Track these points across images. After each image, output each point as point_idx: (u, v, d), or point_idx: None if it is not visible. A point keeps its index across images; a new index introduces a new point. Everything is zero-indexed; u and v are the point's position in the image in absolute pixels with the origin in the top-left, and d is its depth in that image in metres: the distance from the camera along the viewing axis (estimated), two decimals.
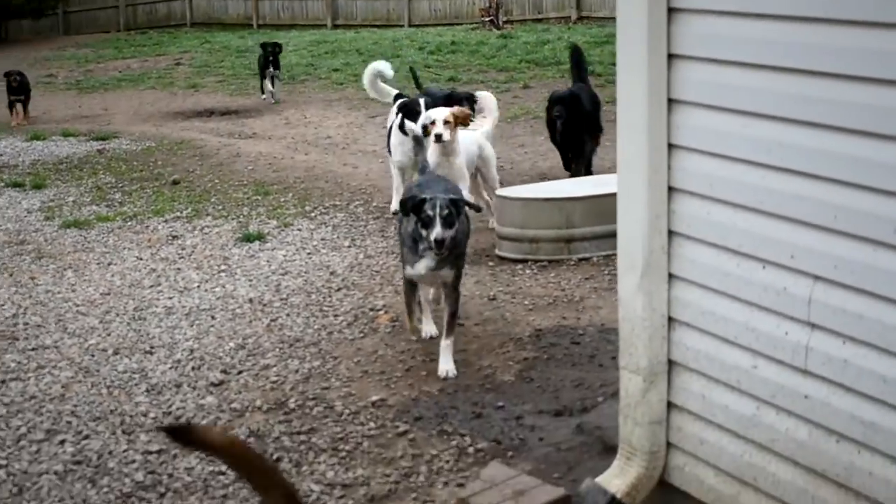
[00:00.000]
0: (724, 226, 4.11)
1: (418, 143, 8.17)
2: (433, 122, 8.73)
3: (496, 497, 4.88)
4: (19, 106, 17.83)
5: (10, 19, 36.52)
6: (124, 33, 35.85)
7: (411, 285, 6.77)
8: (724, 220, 4.11)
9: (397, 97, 11.20)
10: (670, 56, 4.23)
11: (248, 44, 27.75)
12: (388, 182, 11.74)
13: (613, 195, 7.72)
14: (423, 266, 6.47)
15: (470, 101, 10.10)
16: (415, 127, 9.01)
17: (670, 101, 4.27)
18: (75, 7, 38.04)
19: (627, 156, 4.42)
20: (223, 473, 5.36)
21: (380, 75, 11.69)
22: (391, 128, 10.46)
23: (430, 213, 6.25)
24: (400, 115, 10.13)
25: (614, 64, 16.20)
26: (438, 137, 8.68)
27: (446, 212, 6.26)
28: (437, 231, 6.20)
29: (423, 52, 23.33)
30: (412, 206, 6.39)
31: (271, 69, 18.54)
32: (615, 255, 8.24)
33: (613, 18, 4.60)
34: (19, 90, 17.77)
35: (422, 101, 9.75)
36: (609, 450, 5.12)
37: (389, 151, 10.52)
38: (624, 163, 4.46)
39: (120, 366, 6.87)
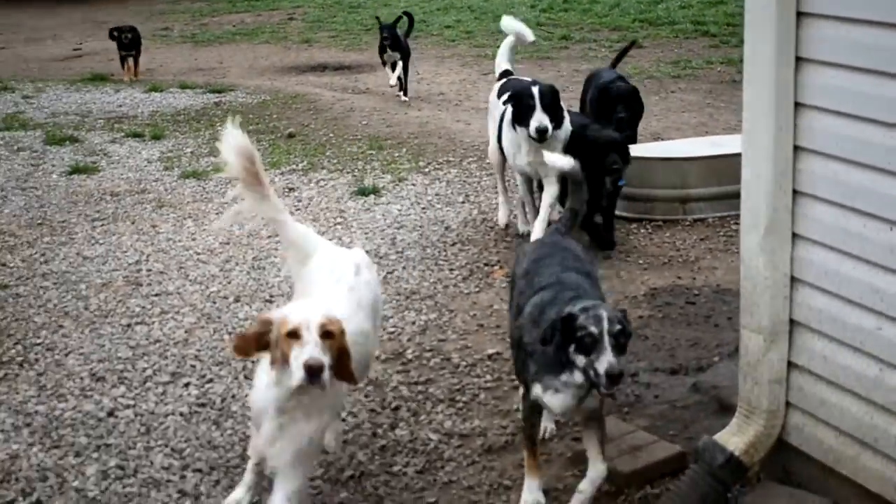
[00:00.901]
0: (850, 186, 4.08)
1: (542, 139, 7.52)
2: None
3: (613, 451, 4.94)
4: (130, 61, 17.47)
5: None
6: None
7: (536, 413, 4.76)
8: (850, 180, 4.08)
9: (503, 74, 9.24)
10: (799, 14, 4.21)
11: (360, 0, 27.91)
12: None
13: (730, 156, 7.77)
14: (563, 401, 4.44)
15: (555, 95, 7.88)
16: (559, 161, 5.62)
17: (798, 59, 4.24)
18: None
19: (753, 114, 4.41)
20: (343, 420, 5.50)
21: (519, 40, 9.58)
22: (502, 118, 8.34)
23: (592, 330, 4.18)
24: (508, 104, 8.11)
25: (728, 24, 16.12)
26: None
27: (618, 329, 4.23)
28: (608, 361, 4.13)
29: (534, 9, 23.16)
30: (559, 327, 4.29)
31: (389, 52, 14.72)
32: (730, 216, 8.35)
33: None
34: (130, 46, 17.38)
35: (535, 89, 7.77)
36: (725, 409, 5.15)
37: (501, 149, 8.44)
38: (749, 121, 4.45)
39: (241, 313, 7.05)
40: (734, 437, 4.55)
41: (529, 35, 9.64)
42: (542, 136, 7.58)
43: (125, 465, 5.17)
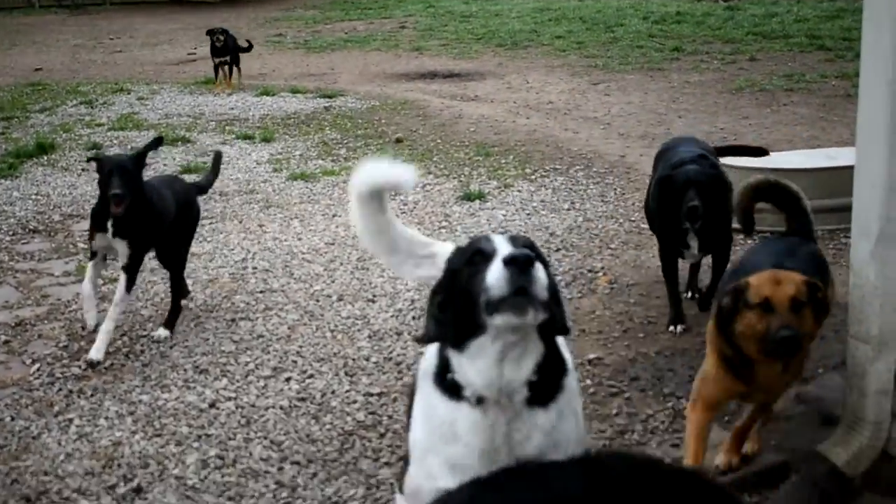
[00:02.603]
0: None
1: None
2: None
3: (712, 458, 4.89)
4: (225, 69, 16.95)
5: None
6: None
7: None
8: None
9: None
10: None
11: (472, 9, 28.01)
12: (609, 147, 11.78)
13: (843, 168, 7.62)
14: None
15: None
16: None
17: None
18: None
19: (868, 122, 4.34)
20: None
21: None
22: None
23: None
24: None
25: (844, 39, 15.89)
26: None
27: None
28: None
29: (647, 21, 23.11)
30: None
31: None
32: (840, 229, 8.18)
33: None
34: (222, 51, 16.76)
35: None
36: (828, 420, 5.04)
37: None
38: (863, 128, 4.37)
39: (343, 312, 7.10)
40: (837, 448, 4.47)
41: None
42: None
43: (224, 455, 5.23)
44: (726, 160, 8.48)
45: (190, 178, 10.76)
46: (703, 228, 6.48)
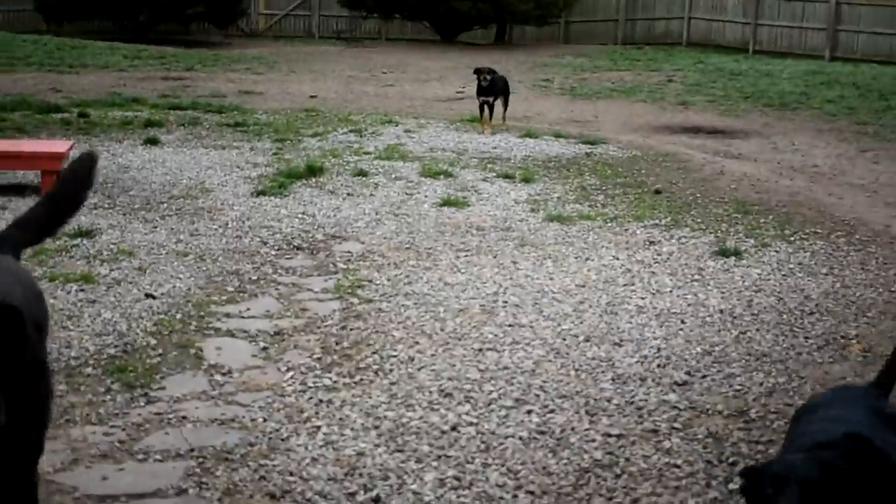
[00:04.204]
0: None
1: None
2: None
3: None
4: (486, 109, 16.96)
5: (515, 24, 38.32)
6: (620, 46, 36.87)
7: None
8: None
9: None
10: None
11: (741, 67, 27.76)
12: (874, 215, 11.52)
13: None
14: None
15: None
16: None
17: None
18: (577, 18, 39.37)
19: None
20: (678, 466, 5.52)
21: None
22: None
23: None
24: None
25: None
26: None
27: None
28: None
29: None
30: None
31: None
32: None
33: None
34: (488, 91, 16.92)
35: None
36: None
37: None
38: None
39: (589, 352, 7.16)
40: None
41: None
42: None
43: (461, 477, 5.36)
44: None
45: (449, 210, 11.09)
46: None
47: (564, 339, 7.40)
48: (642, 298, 8.40)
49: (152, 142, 14.75)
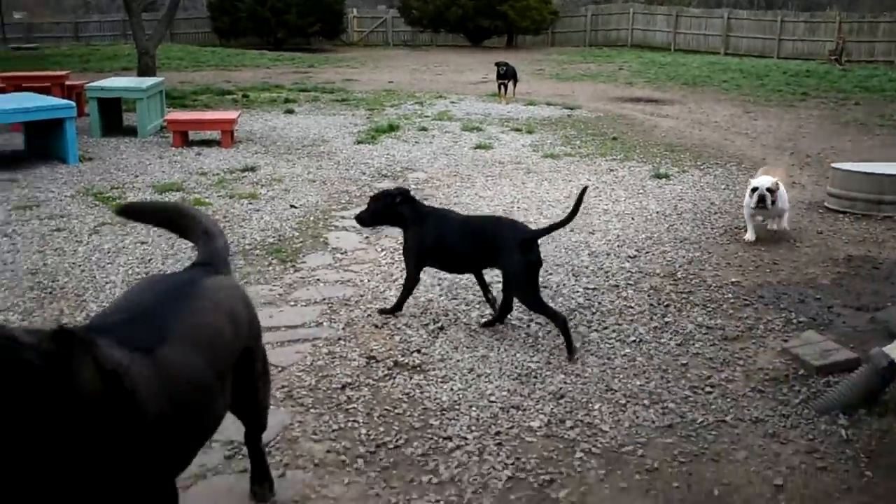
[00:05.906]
0: None
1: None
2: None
3: (809, 350, 4.75)
4: (503, 88, 16.83)
5: (518, 34, 37.74)
6: (588, 48, 36.07)
7: None
8: None
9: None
10: None
11: (667, 60, 27.17)
12: (753, 152, 11.33)
13: None
14: None
15: None
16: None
17: None
18: (560, 29, 38.63)
19: None
20: (631, 307, 5.51)
21: None
22: None
23: None
24: None
25: None
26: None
27: None
28: None
29: (785, 75, 22.08)
30: None
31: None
32: None
33: None
34: (504, 76, 16.70)
35: None
36: (892, 336, 4.81)
37: None
38: None
39: (573, 238, 7.14)
40: (895, 351, 4.29)
41: None
42: None
43: (491, 314, 5.38)
44: (861, 166, 8.09)
45: (480, 152, 10.99)
46: None
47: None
48: (606, 204, 8.35)
49: (290, 112, 14.70)
